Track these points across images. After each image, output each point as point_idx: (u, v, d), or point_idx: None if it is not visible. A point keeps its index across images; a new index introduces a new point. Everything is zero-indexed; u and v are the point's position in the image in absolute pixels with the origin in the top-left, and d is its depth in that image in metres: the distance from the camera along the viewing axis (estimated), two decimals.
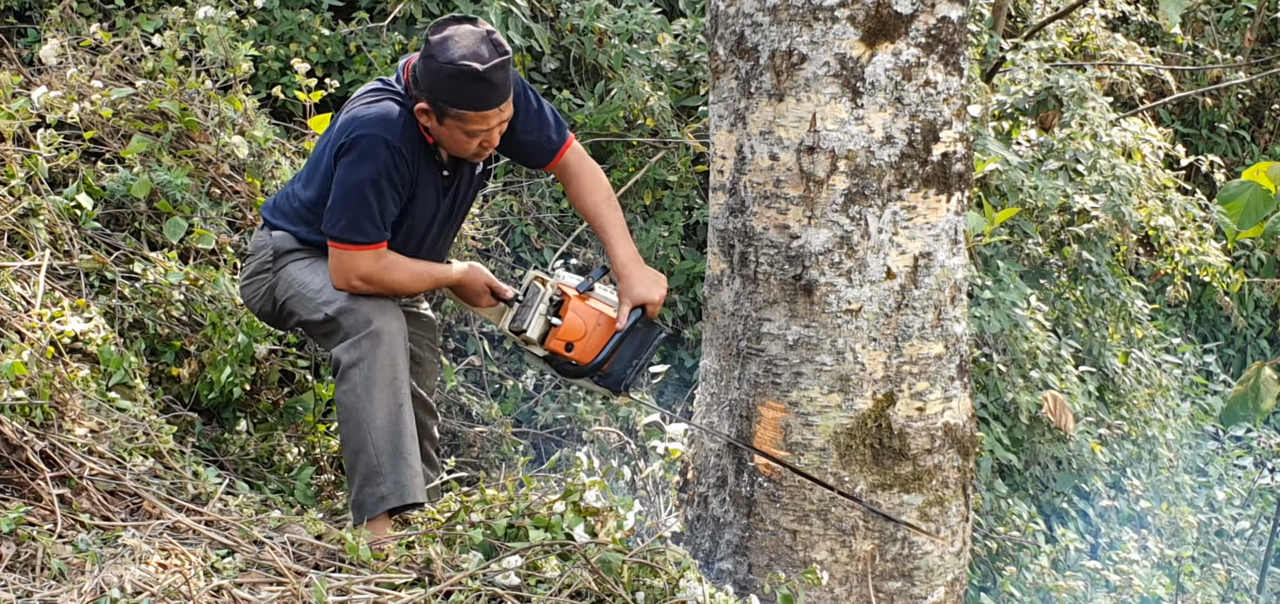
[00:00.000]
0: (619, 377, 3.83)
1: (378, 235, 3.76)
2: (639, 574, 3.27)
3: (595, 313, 3.84)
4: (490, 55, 3.62)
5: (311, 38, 5.96)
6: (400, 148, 3.71)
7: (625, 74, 6.03)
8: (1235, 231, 4.73)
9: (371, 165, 3.69)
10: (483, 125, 3.70)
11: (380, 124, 3.71)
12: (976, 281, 5.97)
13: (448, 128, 3.71)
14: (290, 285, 3.91)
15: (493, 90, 3.64)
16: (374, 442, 3.70)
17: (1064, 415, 5.93)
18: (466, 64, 3.59)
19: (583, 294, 3.86)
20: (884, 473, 3.55)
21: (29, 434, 3.58)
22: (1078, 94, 6.78)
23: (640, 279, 3.87)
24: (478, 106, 3.65)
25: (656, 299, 3.86)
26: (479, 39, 3.64)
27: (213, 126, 5.09)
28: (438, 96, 3.65)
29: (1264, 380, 4.73)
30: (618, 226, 3.97)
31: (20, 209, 4.52)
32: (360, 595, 3.25)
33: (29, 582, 3.15)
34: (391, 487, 3.71)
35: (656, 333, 3.84)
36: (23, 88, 5.07)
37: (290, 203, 3.96)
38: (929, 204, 3.49)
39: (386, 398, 3.72)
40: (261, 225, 4.05)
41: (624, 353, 3.82)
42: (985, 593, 5.38)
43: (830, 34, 3.39)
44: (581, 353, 3.81)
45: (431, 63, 3.63)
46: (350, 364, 3.73)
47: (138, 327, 4.47)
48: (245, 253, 5.00)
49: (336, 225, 3.76)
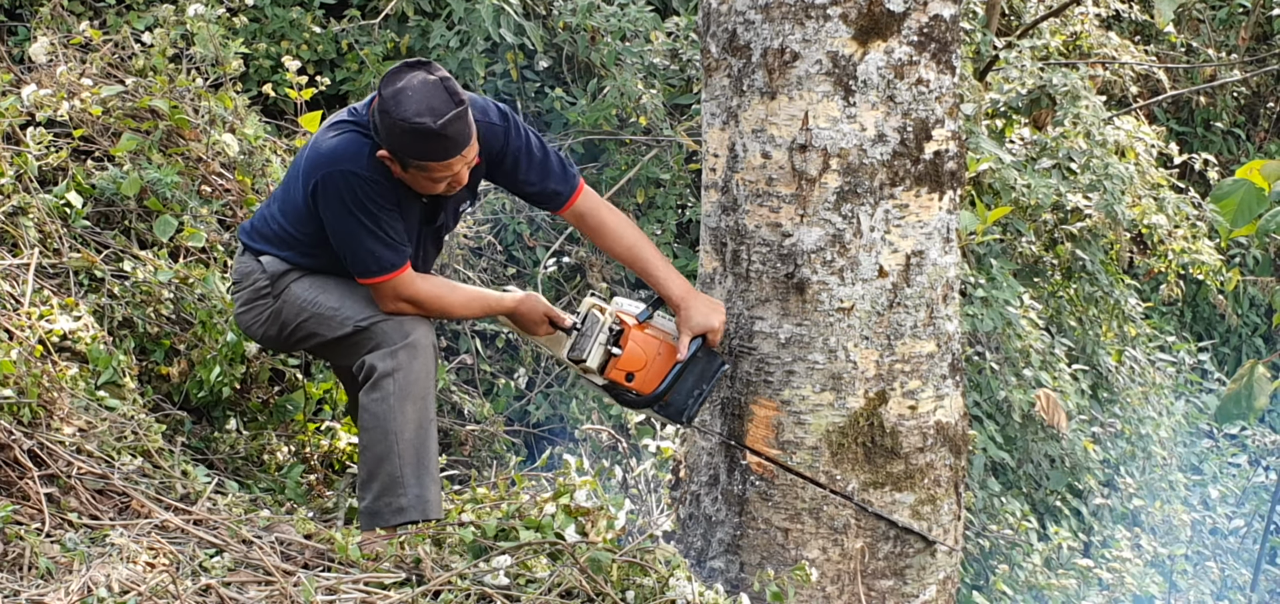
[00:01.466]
0: (681, 406, 3.75)
1: (398, 257, 3.69)
2: (628, 573, 3.26)
3: (656, 342, 3.76)
4: (444, 107, 3.51)
5: (303, 35, 5.95)
6: (369, 175, 3.62)
7: (618, 72, 6.02)
8: (1229, 230, 4.72)
9: (348, 199, 3.61)
10: (446, 172, 3.61)
11: (342, 158, 3.63)
12: (969, 280, 5.96)
13: (412, 174, 3.63)
14: (303, 308, 3.83)
15: (449, 143, 3.54)
16: (400, 453, 3.67)
17: (1057, 413, 5.92)
18: (421, 122, 3.49)
19: (642, 323, 3.79)
20: (876, 471, 3.54)
21: (17, 433, 3.56)
22: (1071, 93, 6.77)
23: (699, 308, 3.73)
24: (437, 158, 3.57)
25: (717, 326, 3.73)
26: (432, 89, 3.53)
27: (203, 124, 5.07)
28: (396, 150, 3.57)
29: (1257, 378, 4.71)
30: (661, 264, 3.80)
31: (9, 207, 4.51)
32: (349, 595, 3.23)
33: (16, 580, 3.14)
34: (413, 499, 3.67)
35: (718, 363, 3.76)
36: (12, 86, 5.05)
37: (270, 226, 3.88)
38: (921, 202, 3.48)
39: (417, 410, 3.68)
40: (242, 250, 3.95)
41: (686, 382, 3.74)
42: (978, 591, 5.37)
43: (822, 32, 3.38)
44: (642, 383, 3.74)
45: (386, 118, 3.53)
46: (385, 372, 3.68)
47: (127, 325, 4.45)
48: (236, 251, 4.99)
49: (357, 268, 3.71)
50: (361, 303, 3.77)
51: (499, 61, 6.18)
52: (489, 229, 5.89)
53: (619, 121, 6.08)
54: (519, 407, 5.58)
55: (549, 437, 5.53)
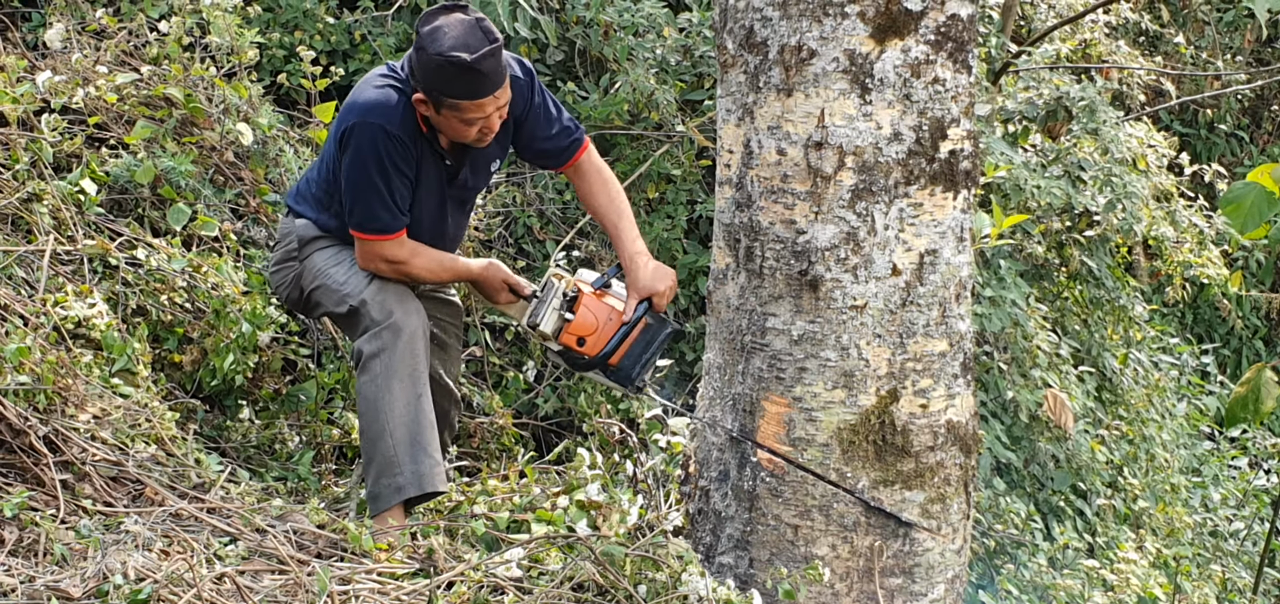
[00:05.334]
0: (628, 371, 3.84)
1: (395, 222, 3.79)
2: (641, 567, 3.27)
3: (607, 308, 3.86)
4: (479, 44, 3.59)
5: (316, 26, 5.95)
6: (398, 134, 3.71)
7: (630, 67, 6.03)
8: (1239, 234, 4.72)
9: (370, 154, 3.70)
10: (479, 113, 3.69)
11: (376, 111, 3.71)
12: (977, 280, 5.97)
13: (445, 117, 3.71)
14: (316, 276, 3.93)
15: (484, 79, 3.63)
16: (392, 432, 3.71)
17: (1064, 413, 5.94)
18: (456, 55, 3.57)
19: (598, 290, 3.88)
20: (886, 469, 3.55)
21: (32, 419, 3.58)
22: (1088, 105, 6.77)
23: (646, 270, 3.88)
24: (471, 95, 3.65)
25: (662, 290, 3.87)
26: (468, 28, 3.61)
27: (217, 113, 5.08)
28: (431, 87, 3.65)
29: (1264, 382, 4.73)
30: (626, 223, 3.98)
31: (24, 194, 4.52)
32: (362, 584, 3.25)
33: (31, 567, 3.15)
34: (409, 476, 3.71)
35: (665, 327, 3.84)
36: (27, 72, 5.06)
37: (310, 188, 4.00)
38: (935, 201, 3.49)
39: (406, 389, 3.73)
40: (286, 212, 4.08)
41: (634, 348, 3.83)
42: (983, 591, 5.38)
43: (840, 30, 3.39)
44: (591, 347, 3.83)
45: (422, 54, 3.63)
46: (371, 354, 3.75)
47: (140, 313, 4.47)
48: (248, 240, 5.00)
49: (354, 218, 3.81)
50: (361, 283, 3.84)
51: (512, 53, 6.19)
52: (500, 222, 5.90)
53: (630, 116, 6.08)
54: (527, 400, 5.60)
55: (557, 431, 5.54)
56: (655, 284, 3.87)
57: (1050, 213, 6.65)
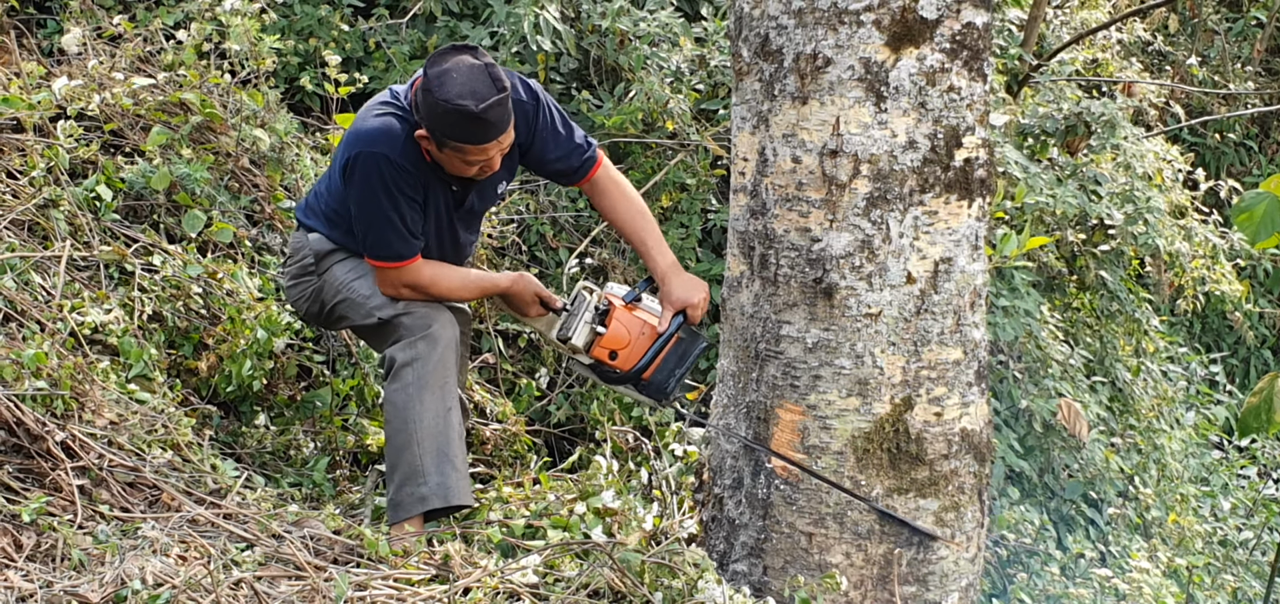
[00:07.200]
0: (661, 385, 3.81)
1: (408, 249, 3.80)
2: (657, 574, 3.28)
3: (640, 322, 3.84)
4: (486, 93, 3.60)
5: (331, 33, 5.97)
6: (401, 163, 3.72)
7: (645, 76, 6.04)
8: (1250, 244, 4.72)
9: (377, 184, 3.71)
10: (481, 156, 3.72)
11: (379, 140, 3.72)
12: (991, 289, 5.97)
13: (447, 155, 3.73)
14: (339, 290, 3.93)
15: (489, 127, 3.64)
16: (420, 441, 3.72)
17: (1078, 422, 5.93)
18: (463, 104, 3.58)
19: (629, 304, 3.87)
20: (901, 477, 3.55)
21: (50, 424, 3.59)
22: (1109, 121, 6.77)
23: (680, 284, 3.87)
24: (475, 141, 3.67)
25: (697, 302, 3.85)
26: (477, 75, 3.62)
27: (234, 120, 5.10)
28: (434, 128, 3.66)
29: (1278, 391, 4.72)
30: (654, 236, 3.97)
31: (41, 200, 4.53)
32: (379, 591, 3.26)
33: (50, 572, 3.16)
34: (435, 487, 3.72)
35: (699, 342, 3.81)
36: (44, 79, 5.08)
37: (319, 203, 4.00)
38: (950, 209, 3.50)
39: (436, 400, 3.74)
40: (297, 226, 4.08)
41: (667, 361, 3.81)
42: (996, 599, 5.38)
43: (855, 38, 3.40)
44: (624, 361, 3.81)
45: (428, 97, 3.63)
46: (404, 363, 3.75)
47: (157, 319, 4.48)
48: (263, 246, 5.02)
49: (367, 246, 3.82)
50: (390, 296, 3.85)
51: (529, 62, 6.20)
52: (513, 230, 5.91)
53: (645, 125, 6.09)
54: (540, 407, 5.60)
55: (570, 438, 5.55)
56: (690, 296, 3.86)
57: (1065, 223, 6.65)
